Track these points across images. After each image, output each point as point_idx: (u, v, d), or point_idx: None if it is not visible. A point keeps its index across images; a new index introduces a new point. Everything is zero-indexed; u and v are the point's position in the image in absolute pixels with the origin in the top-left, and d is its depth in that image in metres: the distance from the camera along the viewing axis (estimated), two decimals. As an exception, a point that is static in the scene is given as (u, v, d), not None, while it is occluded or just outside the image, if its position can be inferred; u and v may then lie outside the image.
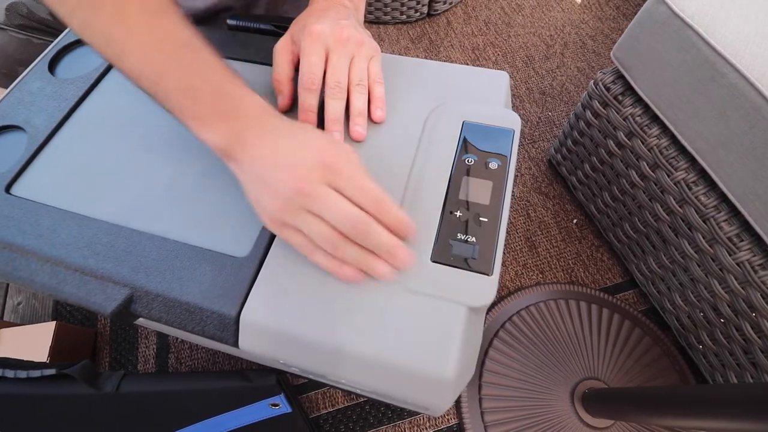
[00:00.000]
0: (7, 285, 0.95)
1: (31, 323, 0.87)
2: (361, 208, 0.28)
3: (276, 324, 0.28)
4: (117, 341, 0.85)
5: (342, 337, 0.28)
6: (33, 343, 0.77)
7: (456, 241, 0.31)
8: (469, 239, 0.31)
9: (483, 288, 0.29)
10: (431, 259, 0.30)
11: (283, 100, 0.38)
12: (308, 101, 0.35)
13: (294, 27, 0.39)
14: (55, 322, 0.78)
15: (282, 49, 0.38)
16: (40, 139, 0.39)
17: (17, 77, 0.44)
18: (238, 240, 0.32)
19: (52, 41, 0.48)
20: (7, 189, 0.36)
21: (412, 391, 0.28)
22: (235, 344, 0.29)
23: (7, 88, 0.43)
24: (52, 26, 0.56)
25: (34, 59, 0.46)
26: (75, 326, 0.84)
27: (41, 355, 0.75)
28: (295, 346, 0.28)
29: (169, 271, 0.31)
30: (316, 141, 0.29)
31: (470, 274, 0.30)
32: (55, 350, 0.76)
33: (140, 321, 0.34)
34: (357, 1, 0.43)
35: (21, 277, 0.33)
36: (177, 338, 0.84)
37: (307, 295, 0.29)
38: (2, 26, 0.55)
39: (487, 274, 0.29)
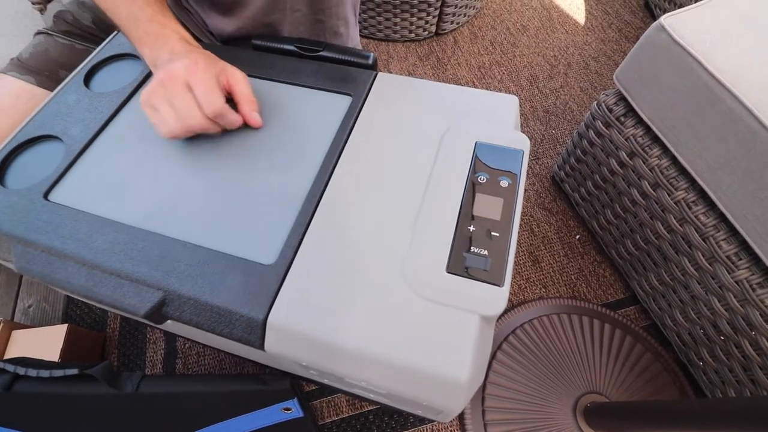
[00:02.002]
0: (18, 287, 0.97)
1: (41, 326, 0.88)
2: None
3: (301, 328, 0.30)
4: (125, 345, 0.86)
5: (363, 340, 0.30)
6: (44, 345, 0.78)
7: (469, 253, 0.33)
8: (481, 252, 0.33)
9: (495, 298, 0.31)
10: (446, 270, 0.32)
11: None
12: None
13: None
14: (66, 325, 0.79)
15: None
16: (77, 149, 0.41)
17: (58, 80, 0.47)
18: (265, 248, 0.34)
19: (94, 48, 0.50)
20: (46, 195, 0.39)
21: (427, 394, 0.29)
22: (261, 347, 0.31)
23: (48, 89, 0.46)
24: (95, 33, 0.60)
25: (76, 64, 0.49)
26: (85, 329, 0.86)
27: (52, 357, 0.76)
28: (319, 349, 0.30)
29: (200, 276, 0.33)
30: (195, 56, 0.40)
31: (483, 285, 0.32)
32: (65, 353, 0.77)
33: (167, 324, 0.36)
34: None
35: (58, 279, 0.35)
36: (185, 343, 0.85)
37: (331, 301, 0.31)
38: (49, 32, 0.58)
39: (499, 285, 0.31)
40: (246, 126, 0.42)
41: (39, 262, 0.35)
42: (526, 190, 1.03)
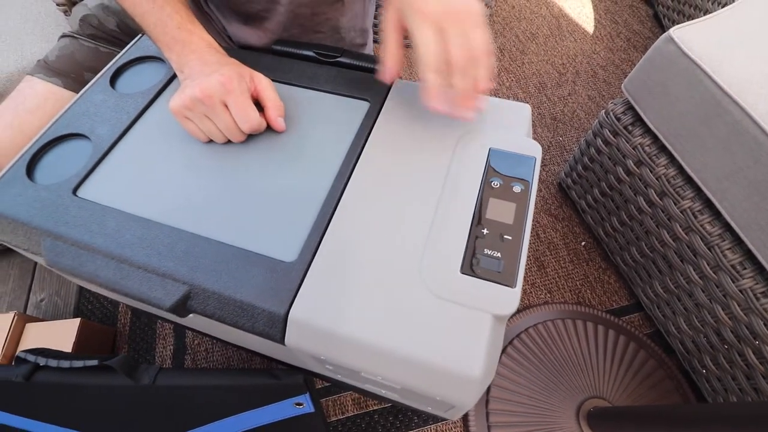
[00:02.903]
0: (31, 281, 0.99)
1: (53, 319, 0.90)
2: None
3: (321, 323, 0.32)
4: (135, 340, 0.88)
5: (380, 336, 0.31)
6: (57, 338, 0.79)
7: (483, 255, 0.34)
8: (494, 254, 0.34)
9: (507, 298, 0.32)
10: (460, 271, 0.34)
11: (389, 74, 0.40)
12: (436, 82, 0.36)
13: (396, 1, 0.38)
14: (79, 319, 0.80)
15: (390, 26, 0.39)
16: (104, 148, 0.43)
17: (84, 82, 0.48)
18: (286, 246, 0.36)
19: (118, 51, 0.52)
20: (74, 191, 0.40)
21: (441, 389, 0.30)
22: (282, 341, 0.33)
23: (74, 91, 0.47)
24: (119, 37, 0.61)
25: (100, 67, 0.50)
26: (96, 324, 0.87)
27: (65, 350, 0.78)
28: (337, 344, 0.32)
29: (224, 271, 0.34)
30: (227, 71, 0.41)
31: (495, 286, 0.33)
32: (77, 346, 0.78)
33: (189, 318, 0.37)
34: None
35: (86, 272, 0.36)
36: (194, 339, 0.87)
37: (350, 297, 0.33)
38: (75, 35, 0.60)
39: (511, 287, 0.33)
40: (268, 128, 0.44)
41: (68, 255, 0.37)
42: (532, 196, 1.04)
